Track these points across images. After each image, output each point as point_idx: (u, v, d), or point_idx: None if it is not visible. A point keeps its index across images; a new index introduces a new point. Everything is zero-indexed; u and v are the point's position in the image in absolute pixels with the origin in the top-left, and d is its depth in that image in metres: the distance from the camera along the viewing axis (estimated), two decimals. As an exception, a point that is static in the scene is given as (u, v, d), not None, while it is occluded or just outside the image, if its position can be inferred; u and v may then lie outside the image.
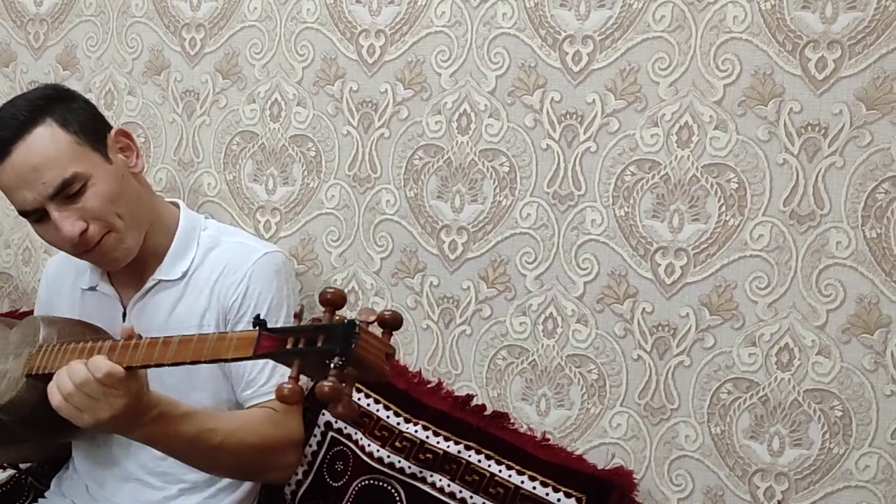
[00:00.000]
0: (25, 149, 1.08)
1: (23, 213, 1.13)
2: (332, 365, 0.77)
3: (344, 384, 0.78)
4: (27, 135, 1.08)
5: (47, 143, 1.09)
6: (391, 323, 0.81)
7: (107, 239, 1.12)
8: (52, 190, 1.08)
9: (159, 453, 1.19)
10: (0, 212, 1.66)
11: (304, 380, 1.15)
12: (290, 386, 0.80)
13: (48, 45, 1.60)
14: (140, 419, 0.99)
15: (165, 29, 1.50)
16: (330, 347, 0.78)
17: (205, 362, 0.89)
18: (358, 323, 0.78)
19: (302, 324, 0.82)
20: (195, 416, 1.06)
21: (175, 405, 1.03)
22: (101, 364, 0.93)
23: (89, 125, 1.14)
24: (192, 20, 1.48)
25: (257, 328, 0.84)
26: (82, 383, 0.93)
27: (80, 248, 1.12)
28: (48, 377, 1.02)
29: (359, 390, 1.28)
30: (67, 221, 1.09)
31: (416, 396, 1.28)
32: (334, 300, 0.80)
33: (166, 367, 0.94)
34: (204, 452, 1.08)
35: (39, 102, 1.11)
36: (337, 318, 0.80)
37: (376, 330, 0.81)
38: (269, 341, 0.83)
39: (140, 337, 0.96)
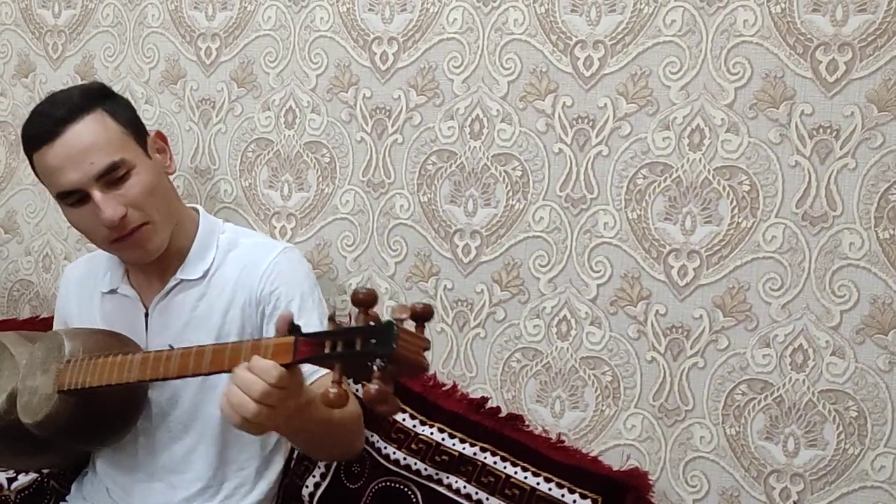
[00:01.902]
0: (78, 130, 1.12)
1: (62, 195, 1.14)
2: (375, 367, 0.78)
3: (387, 384, 0.79)
4: (80, 118, 1.12)
5: (99, 127, 1.13)
6: (423, 315, 0.81)
7: (143, 229, 1.15)
8: (98, 171, 1.11)
9: (178, 456, 1.21)
10: (20, 220, 1.68)
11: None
12: (335, 390, 0.80)
13: (66, 56, 1.63)
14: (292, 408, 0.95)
15: (181, 39, 1.53)
16: (371, 349, 0.79)
17: None
18: (395, 323, 0.79)
19: (337, 326, 0.83)
20: (316, 400, 0.99)
21: (307, 391, 0.97)
22: (272, 368, 0.87)
23: (133, 121, 1.19)
24: (208, 30, 1.50)
25: (293, 335, 0.84)
26: (266, 394, 0.88)
27: (117, 231, 1.14)
28: (80, 392, 1.05)
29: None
30: (109, 204, 1.11)
31: (432, 399, 1.29)
32: (366, 300, 0.81)
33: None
34: (330, 431, 1.06)
35: (92, 93, 1.17)
36: (371, 314, 0.81)
37: (409, 324, 0.82)
38: (307, 346, 0.84)
39: (172, 348, 0.96)
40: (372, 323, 0.81)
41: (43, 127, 1.13)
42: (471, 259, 1.33)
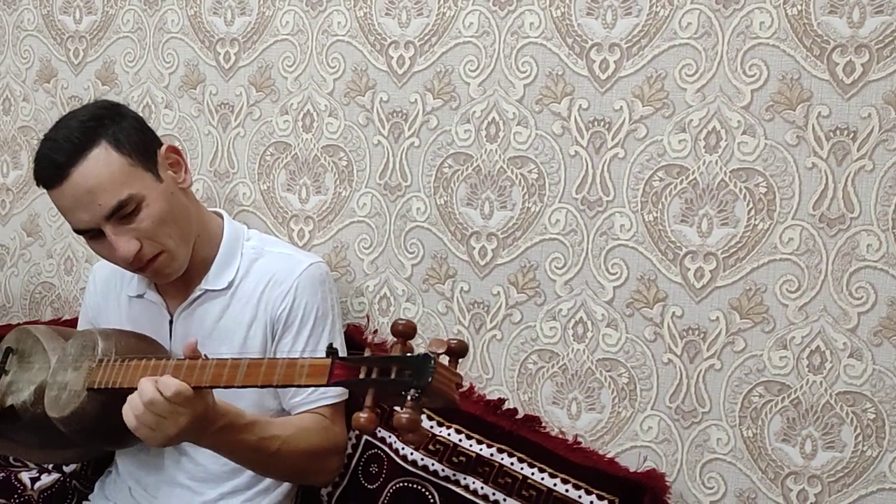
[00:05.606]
0: (82, 172, 1.11)
1: (78, 232, 1.16)
2: (408, 397, 0.80)
3: (418, 414, 0.80)
4: (83, 158, 1.11)
5: (102, 166, 1.11)
6: (458, 351, 0.84)
7: (160, 258, 1.16)
8: (107, 212, 1.11)
9: (200, 459, 1.23)
10: (42, 223, 1.71)
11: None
12: (366, 415, 0.82)
13: (87, 62, 1.65)
14: (208, 429, 1.02)
15: (200, 44, 1.54)
16: (406, 379, 0.81)
17: (275, 387, 0.92)
18: (432, 356, 0.81)
19: (374, 354, 0.85)
20: (257, 425, 1.09)
21: (240, 415, 1.06)
22: (171, 383, 0.95)
23: (141, 144, 1.16)
24: (227, 35, 1.52)
25: (330, 356, 0.86)
26: (150, 402, 0.96)
27: (134, 265, 1.16)
28: (109, 391, 1.06)
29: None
30: (122, 241, 1.12)
31: (449, 400, 1.30)
32: (405, 332, 0.83)
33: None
34: (264, 458, 1.11)
35: (92, 123, 1.13)
36: (408, 346, 0.83)
37: (444, 358, 0.84)
38: (342, 370, 0.85)
39: (206, 357, 0.98)
40: (409, 354, 0.83)
41: (47, 172, 1.13)
42: (487, 261, 1.34)
